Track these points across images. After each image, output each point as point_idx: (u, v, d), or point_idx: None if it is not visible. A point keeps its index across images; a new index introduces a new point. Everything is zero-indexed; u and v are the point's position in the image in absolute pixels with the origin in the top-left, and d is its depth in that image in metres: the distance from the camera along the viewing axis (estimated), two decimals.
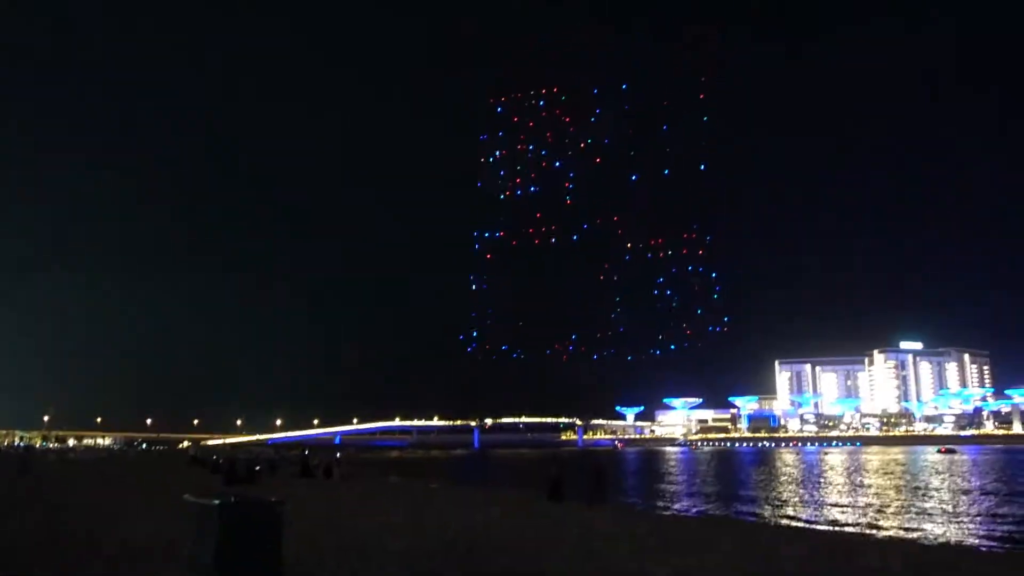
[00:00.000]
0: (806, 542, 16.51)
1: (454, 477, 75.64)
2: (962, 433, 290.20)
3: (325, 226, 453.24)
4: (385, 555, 12.95)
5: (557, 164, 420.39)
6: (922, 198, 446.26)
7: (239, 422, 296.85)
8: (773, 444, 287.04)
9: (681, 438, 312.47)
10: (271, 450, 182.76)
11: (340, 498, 29.06)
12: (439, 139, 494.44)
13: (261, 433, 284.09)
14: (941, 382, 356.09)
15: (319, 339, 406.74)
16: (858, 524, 32.43)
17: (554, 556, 12.55)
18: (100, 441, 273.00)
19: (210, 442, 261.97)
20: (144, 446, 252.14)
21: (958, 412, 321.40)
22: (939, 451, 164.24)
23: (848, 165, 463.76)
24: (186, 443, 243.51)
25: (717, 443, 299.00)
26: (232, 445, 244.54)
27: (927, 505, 41.89)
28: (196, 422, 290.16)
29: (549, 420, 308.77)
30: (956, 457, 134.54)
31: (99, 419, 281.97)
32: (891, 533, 29.17)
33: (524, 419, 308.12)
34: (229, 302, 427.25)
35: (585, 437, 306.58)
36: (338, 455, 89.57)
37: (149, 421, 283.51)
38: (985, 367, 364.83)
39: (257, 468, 40.87)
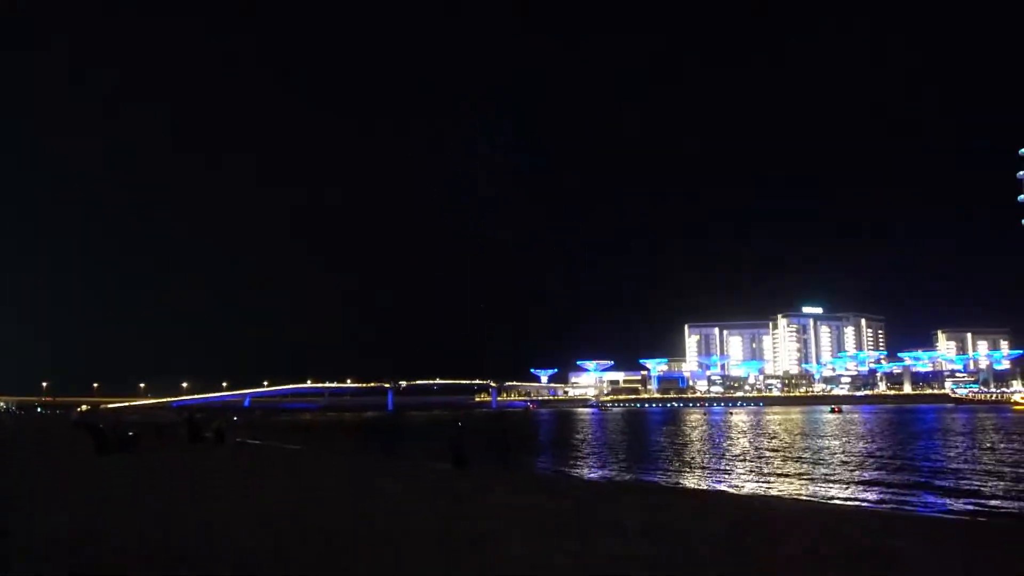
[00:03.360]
0: (721, 518, 15.52)
1: (361, 442, 73.86)
2: (857, 393, 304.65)
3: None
4: (208, 553, 11.02)
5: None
6: (827, 175, 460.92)
7: (142, 385, 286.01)
8: (681, 404, 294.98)
9: (593, 399, 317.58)
10: (174, 413, 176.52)
11: (212, 470, 26.90)
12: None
13: (166, 396, 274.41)
14: (839, 345, 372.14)
15: (235, 300, 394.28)
16: (763, 484, 32.48)
17: (435, 548, 11.10)
18: None
19: (110, 406, 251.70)
20: (40, 410, 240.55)
21: (854, 374, 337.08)
22: (832, 410, 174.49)
23: (757, 141, 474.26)
24: (83, 407, 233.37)
25: (628, 404, 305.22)
26: (128, 409, 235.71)
27: (824, 468, 42.63)
28: (96, 385, 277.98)
29: (463, 382, 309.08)
30: (847, 416, 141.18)
31: None
32: (798, 495, 29.13)
33: (438, 381, 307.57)
34: (135, 265, 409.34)
35: (499, 399, 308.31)
36: (235, 418, 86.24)
37: (45, 384, 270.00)
38: (880, 331, 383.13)
39: (131, 434, 37.71)
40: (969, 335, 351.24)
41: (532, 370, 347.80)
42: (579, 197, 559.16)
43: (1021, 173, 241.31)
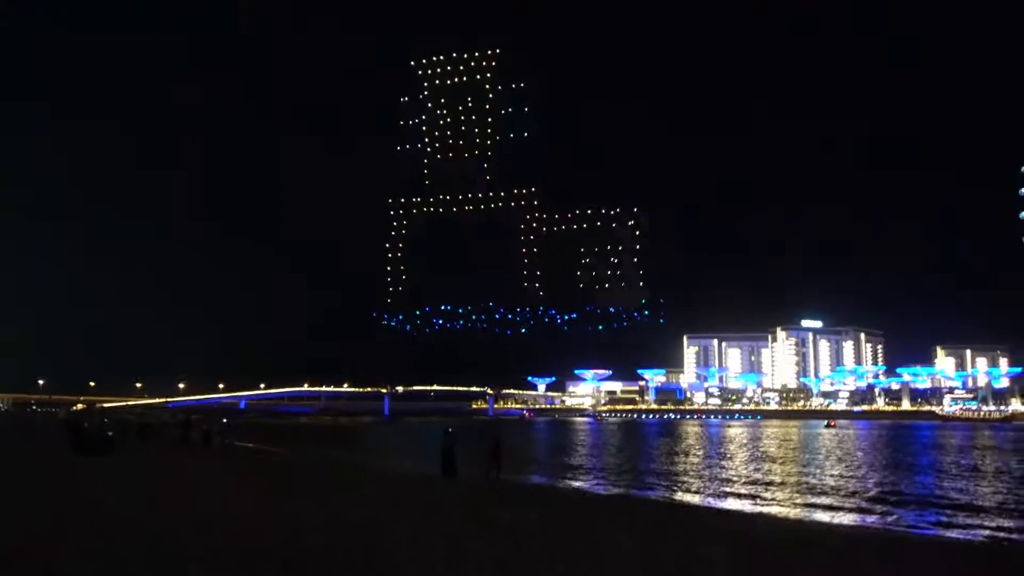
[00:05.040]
0: (724, 542, 14.81)
1: (352, 447, 73.30)
2: (855, 408, 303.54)
3: (234, 188, 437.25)
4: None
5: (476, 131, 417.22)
6: (829, 186, 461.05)
7: (139, 385, 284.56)
8: (678, 416, 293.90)
9: (590, 409, 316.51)
10: (169, 414, 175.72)
11: (181, 472, 26.30)
12: (360, 99, 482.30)
13: (163, 396, 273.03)
14: (838, 359, 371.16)
15: (229, 302, 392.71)
16: (760, 501, 31.97)
17: (406, 570, 10.50)
18: None
19: (106, 405, 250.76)
20: (35, 408, 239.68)
21: (852, 388, 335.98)
22: (827, 425, 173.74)
23: (762, 149, 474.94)
24: (79, 406, 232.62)
25: (625, 414, 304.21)
26: (124, 408, 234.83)
27: (822, 481, 42.11)
28: (92, 384, 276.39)
29: (460, 389, 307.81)
30: (843, 431, 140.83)
31: None
32: (796, 515, 28.61)
33: (435, 387, 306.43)
34: (134, 262, 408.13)
35: (496, 406, 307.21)
36: (224, 420, 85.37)
37: (41, 382, 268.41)
38: (879, 346, 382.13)
39: (110, 434, 37.05)
40: (968, 352, 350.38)
41: (529, 378, 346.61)
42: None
43: (1023, 190, 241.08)
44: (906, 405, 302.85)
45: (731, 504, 31.70)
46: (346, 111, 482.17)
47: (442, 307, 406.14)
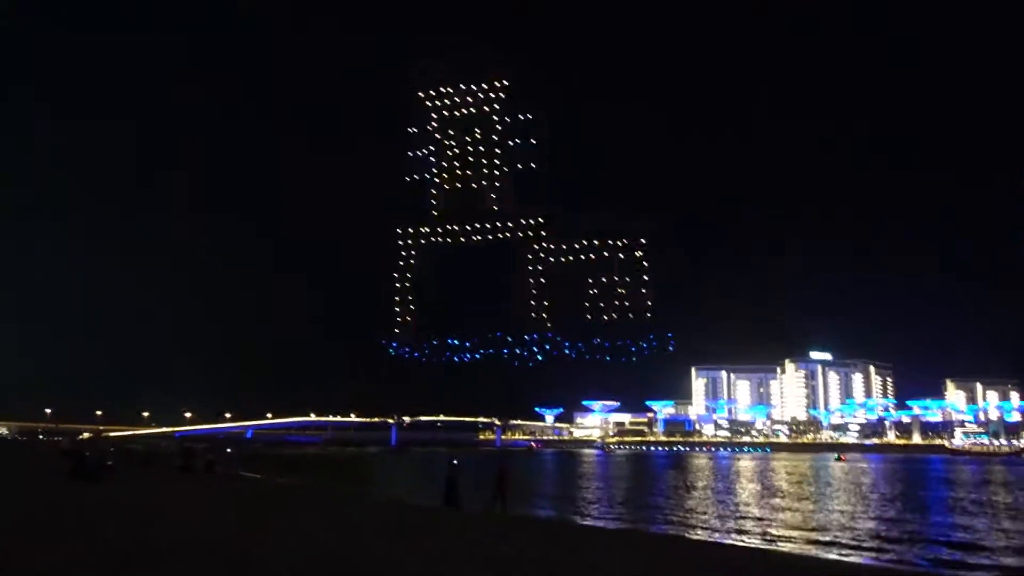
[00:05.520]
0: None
1: (357, 477, 72.75)
2: (866, 442, 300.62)
3: (242, 211, 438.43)
4: None
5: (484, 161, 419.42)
6: (836, 216, 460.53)
7: (146, 414, 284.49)
8: (687, 448, 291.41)
9: (598, 440, 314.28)
10: (176, 443, 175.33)
11: (175, 501, 26.03)
12: (363, 127, 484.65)
13: (170, 426, 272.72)
14: (847, 392, 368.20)
15: (235, 331, 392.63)
16: (773, 540, 31.45)
17: None
18: None
19: (112, 434, 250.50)
20: (42, 436, 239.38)
21: (862, 421, 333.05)
22: (837, 458, 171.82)
23: (772, 180, 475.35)
24: (85, 435, 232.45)
25: (633, 446, 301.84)
26: (130, 438, 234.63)
27: (831, 516, 41.46)
28: (99, 413, 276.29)
29: (467, 419, 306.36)
30: (853, 465, 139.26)
31: None
32: (805, 551, 28.10)
33: (442, 417, 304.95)
34: (141, 291, 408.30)
35: (504, 437, 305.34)
36: (228, 450, 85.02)
37: (48, 411, 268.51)
38: (889, 379, 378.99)
39: (109, 463, 36.87)
40: (979, 385, 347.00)
41: (537, 409, 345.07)
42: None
43: None
44: (917, 438, 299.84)
45: (740, 540, 31.16)
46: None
47: (449, 337, 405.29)
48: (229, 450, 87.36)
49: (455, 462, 33.75)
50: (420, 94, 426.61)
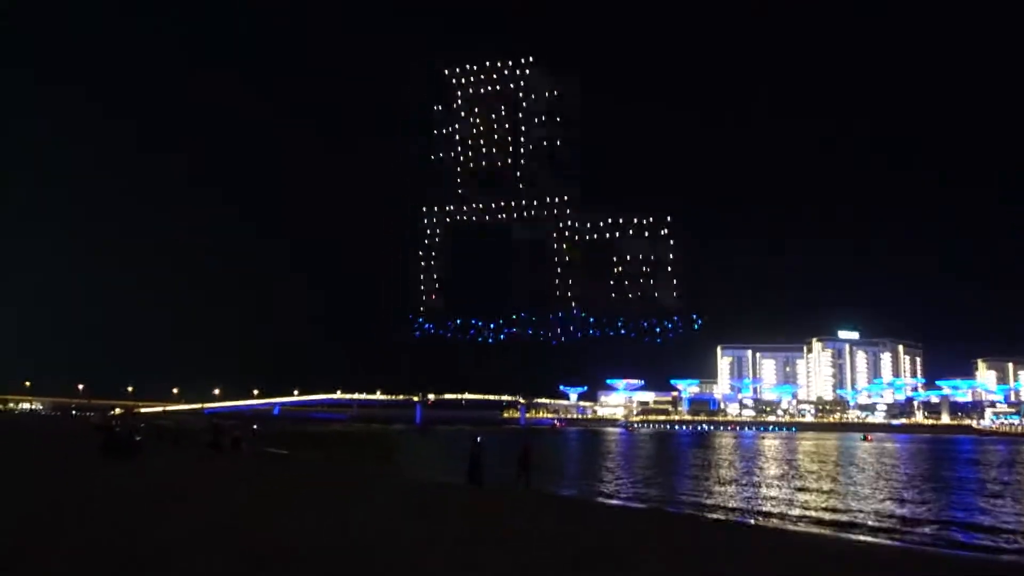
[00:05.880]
0: (755, 563, 14.29)
1: (381, 454, 73.38)
2: (893, 422, 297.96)
3: (264, 197, 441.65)
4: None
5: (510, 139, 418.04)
6: (868, 196, 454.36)
7: (175, 390, 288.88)
8: (712, 427, 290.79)
9: (622, 419, 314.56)
10: (205, 419, 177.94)
11: (199, 477, 26.38)
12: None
13: (199, 402, 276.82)
14: (875, 371, 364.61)
15: (263, 309, 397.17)
16: (796, 516, 31.33)
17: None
18: (25, 406, 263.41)
19: (143, 410, 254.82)
20: (75, 412, 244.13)
21: (890, 401, 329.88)
22: (863, 439, 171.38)
23: (796, 159, 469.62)
24: (117, 411, 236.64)
25: (657, 425, 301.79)
26: (161, 414, 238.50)
27: (858, 498, 41.17)
28: (130, 389, 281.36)
29: (491, 398, 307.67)
30: (880, 445, 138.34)
31: (27, 383, 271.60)
32: (839, 534, 27.95)
33: (467, 396, 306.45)
34: (171, 268, 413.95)
35: (528, 416, 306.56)
36: (255, 427, 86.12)
37: (81, 387, 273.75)
38: (918, 358, 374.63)
39: (138, 439, 37.50)
40: (1011, 364, 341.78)
41: (561, 387, 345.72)
42: None
43: None
44: (945, 419, 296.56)
45: (764, 521, 31.06)
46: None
47: (474, 315, 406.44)
48: (256, 427, 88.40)
49: (479, 440, 33.86)
50: (445, 71, 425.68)
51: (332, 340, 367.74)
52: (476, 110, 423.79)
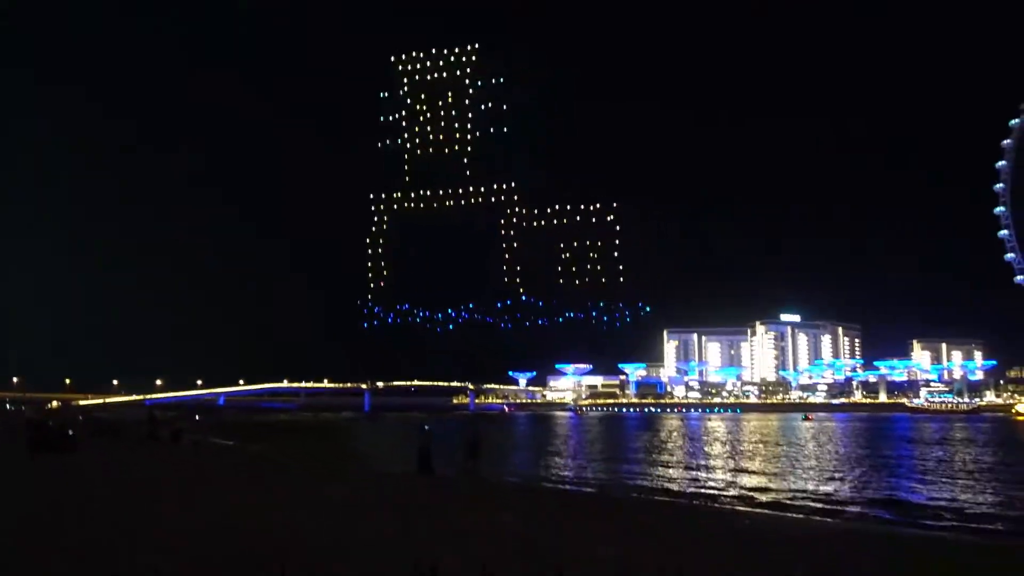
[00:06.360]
0: (716, 542, 14.43)
1: (330, 444, 72.75)
2: (833, 401, 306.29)
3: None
4: None
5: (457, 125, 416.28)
6: (807, 178, 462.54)
7: (115, 382, 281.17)
8: (659, 410, 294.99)
9: (571, 403, 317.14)
10: (145, 412, 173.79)
11: (129, 470, 25.74)
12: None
13: (140, 393, 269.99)
14: (816, 353, 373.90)
15: (206, 299, 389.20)
16: (742, 495, 31.93)
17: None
18: None
19: (81, 402, 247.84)
20: (9, 406, 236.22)
21: (831, 382, 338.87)
22: (804, 418, 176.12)
23: (740, 141, 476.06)
24: (54, 403, 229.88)
25: (606, 408, 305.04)
26: (100, 406, 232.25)
27: (797, 475, 42.17)
28: (68, 381, 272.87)
29: (441, 384, 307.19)
30: (820, 424, 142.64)
31: None
32: (784, 511, 28.52)
33: (416, 382, 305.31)
34: (113, 261, 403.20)
35: (477, 401, 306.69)
36: (197, 417, 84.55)
37: (15, 380, 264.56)
38: (857, 340, 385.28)
39: (70, 433, 36.41)
40: (944, 345, 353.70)
41: (510, 373, 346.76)
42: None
43: (999, 164, 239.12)
44: (883, 398, 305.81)
45: (710, 502, 31.58)
46: (346, 111, 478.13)
47: (422, 302, 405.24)
48: (198, 417, 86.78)
49: (427, 428, 33.72)
50: (392, 58, 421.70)
51: (278, 331, 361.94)
52: (424, 97, 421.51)
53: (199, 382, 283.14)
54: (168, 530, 13.94)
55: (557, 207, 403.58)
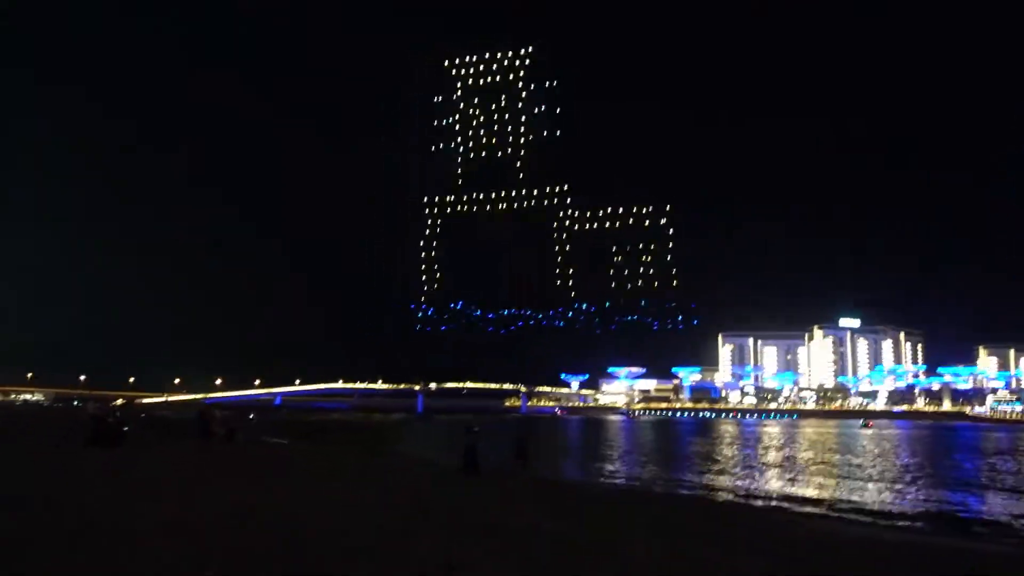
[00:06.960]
0: (758, 550, 14.00)
1: (381, 443, 73.38)
2: (895, 408, 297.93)
3: (264, 197, 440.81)
4: None
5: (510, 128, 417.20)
6: (870, 183, 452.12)
7: (177, 380, 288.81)
8: (713, 415, 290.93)
9: (623, 407, 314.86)
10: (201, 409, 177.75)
11: (178, 467, 26.16)
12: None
13: (201, 392, 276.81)
14: (876, 359, 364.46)
15: (266, 299, 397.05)
16: (799, 502, 31.17)
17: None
18: (28, 397, 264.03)
19: (144, 400, 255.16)
20: (77, 403, 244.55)
21: (891, 388, 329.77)
22: (864, 425, 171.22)
23: (800, 147, 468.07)
24: (119, 401, 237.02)
25: (658, 412, 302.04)
26: (162, 404, 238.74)
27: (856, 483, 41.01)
28: (132, 379, 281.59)
29: (493, 387, 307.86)
30: (881, 431, 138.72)
31: (29, 375, 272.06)
32: (838, 520, 27.76)
33: (468, 385, 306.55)
34: (175, 263, 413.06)
35: (529, 404, 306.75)
36: (251, 416, 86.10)
37: (83, 377, 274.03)
38: (919, 345, 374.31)
39: (125, 428, 37.42)
40: (1012, 351, 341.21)
41: (563, 376, 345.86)
42: None
43: None
44: (947, 406, 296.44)
45: (764, 505, 30.89)
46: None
47: (475, 305, 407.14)
48: (252, 416, 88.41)
49: (475, 429, 33.69)
50: (445, 63, 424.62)
51: (333, 333, 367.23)
52: (476, 101, 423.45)
53: (257, 382, 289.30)
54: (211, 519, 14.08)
55: (610, 210, 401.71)
